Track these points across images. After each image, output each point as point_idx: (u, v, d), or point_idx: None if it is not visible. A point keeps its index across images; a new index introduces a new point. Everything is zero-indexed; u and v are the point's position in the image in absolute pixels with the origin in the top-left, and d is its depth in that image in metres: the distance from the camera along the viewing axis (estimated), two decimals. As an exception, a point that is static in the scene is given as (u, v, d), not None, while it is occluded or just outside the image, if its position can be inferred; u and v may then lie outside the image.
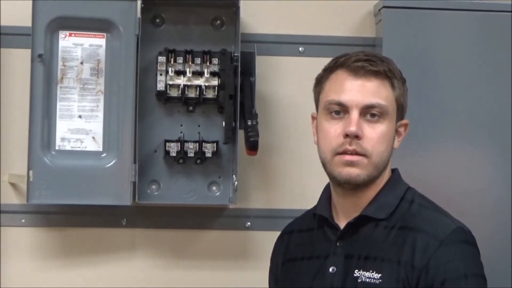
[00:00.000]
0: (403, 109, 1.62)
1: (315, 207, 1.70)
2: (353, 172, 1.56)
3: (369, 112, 1.56)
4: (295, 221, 1.77)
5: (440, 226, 1.55)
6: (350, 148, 1.55)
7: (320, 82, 1.63)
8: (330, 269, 1.59)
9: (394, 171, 1.65)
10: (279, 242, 1.77)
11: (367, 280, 1.54)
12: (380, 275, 1.53)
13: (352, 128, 1.54)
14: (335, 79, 1.60)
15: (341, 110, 1.56)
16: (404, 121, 1.63)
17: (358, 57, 1.58)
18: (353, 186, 1.58)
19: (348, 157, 1.55)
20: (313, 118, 1.65)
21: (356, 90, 1.56)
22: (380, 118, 1.56)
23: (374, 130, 1.56)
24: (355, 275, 1.55)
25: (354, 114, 1.55)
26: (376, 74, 1.57)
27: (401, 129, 1.62)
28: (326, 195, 1.67)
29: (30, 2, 1.99)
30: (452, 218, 1.58)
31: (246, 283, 2.12)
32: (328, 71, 1.62)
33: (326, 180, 2.02)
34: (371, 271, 1.54)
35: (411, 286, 1.50)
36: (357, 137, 1.54)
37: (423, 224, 1.55)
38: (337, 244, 1.60)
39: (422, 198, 1.63)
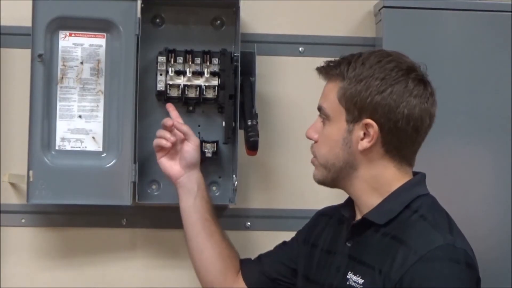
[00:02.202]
0: (361, 109, 1.56)
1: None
2: (313, 172, 1.67)
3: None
4: (335, 206, 1.78)
5: (425, 240, 1.50)
6: (311, 149, 1.67)
7: None
8: (335, 267, 1.60)
9: (416, 175, 1.62)
10: (314, 218, 1.84)
11: (353, 284, 1.55)
12: (363, 281, 1.53)
13: (307, 132, 1.66)
14: None
15: None
16: (365, 121, 1.56)
17: (323, 63, 1.64)
18: (320, 184, 1.66)
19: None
20: None
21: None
22: (325, 120, 1.62)
23: (321, 132, 1.63)
24: (347, 276, 1.56)
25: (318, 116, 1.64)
26: (328, 76, 1.62)
27: (370, 130, 1.56)
28: None
29: (30, 2, 1.99)
30: (446, 234, 1.52)
31: (246, 283, 2.12)
32: None
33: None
34: (357, 275, 1.55)
35: None
36: (311, 139, 1.66)
37: (410, 237, 1.51)
38: (346, 243, 1.61)
39: (429, 209, 1.58)
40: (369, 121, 1.56)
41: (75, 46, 2.05)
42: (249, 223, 2.16)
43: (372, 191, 1.59)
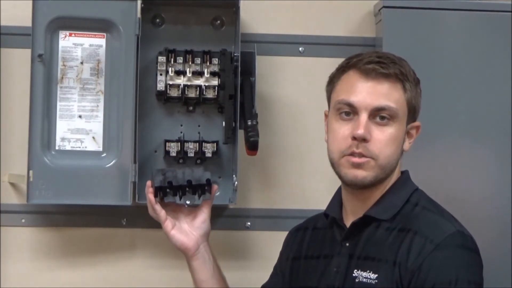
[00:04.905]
0: (415, 111, 1.62)
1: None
2: (360, 174, 1.57)
3: (378, 114, 1.56)
4: (311, 219, 1.79)
5: (438, 229, 1.54)
6: (357, 150, 1.56)
7: (332, 81, 1.65)
8: (334, 269, 1.60)
9: (403, 172, 1.65)
10: (293, 235, 1.79)
11: (364, 280, 1.55)
12: (376, 275, 1.54)
13: (360, 132, 1.55)
14: (347, 79, 1.61)
15: (351, 111, 1.57)
16: (416, 123, 1.63)
17: (370, 59, 1.59)
18: (359, 187, 1.59)
19: (354, 159, 1.56)
20: (326, 115, 1.66)
21: (366, 92, 1.57)
22: (390, 121, 1.57)
23: (382, 133, 1.56)
24: (354, 274, 1.56)
25: (363, 116, 1.56)
26: (387, 76, 1.57)
27: (413, 131, 1.63)
28: (338, 196, 1.69)
29: (30, 2, 1.99)
30: (454, 222, 1.57)
31: (246, 283, 2.12)
32: (341, 71, 1.63)
33: (326, 180, 2.03)
34: (368, 271, 1.55)
35: (403, 287, 1.50)
36: (364, 140, 1.55)
37: (421, 227, 1.55)
38: (342, 244, 1.61)
39: (428, 201, 1.62)
40: (419, 123, 1.63)
41: (75, 46, 2.05)
42: (249, 223, 2.16)
43: (382, 189, 1.61)
